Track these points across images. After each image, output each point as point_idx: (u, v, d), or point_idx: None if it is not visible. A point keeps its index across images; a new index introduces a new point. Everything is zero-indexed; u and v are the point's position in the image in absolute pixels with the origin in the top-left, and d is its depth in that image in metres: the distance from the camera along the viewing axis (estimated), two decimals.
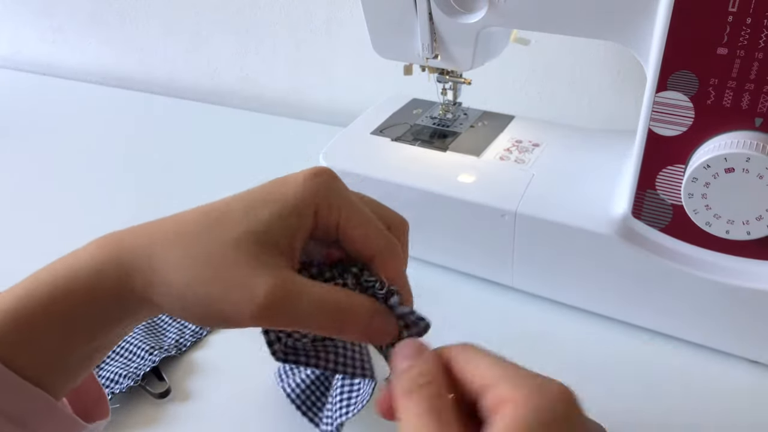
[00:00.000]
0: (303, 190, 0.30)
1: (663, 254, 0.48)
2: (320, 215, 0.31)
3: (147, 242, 0.29)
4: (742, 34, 0.39)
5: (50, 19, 1.07)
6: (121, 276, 0.29)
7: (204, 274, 0.28)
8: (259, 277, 0.28)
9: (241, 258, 0.28)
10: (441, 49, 0.56)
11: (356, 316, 0.29)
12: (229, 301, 0.27)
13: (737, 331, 0.48)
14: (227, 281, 0.28)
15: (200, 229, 0.29)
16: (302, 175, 0.31)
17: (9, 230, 0.70)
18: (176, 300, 0.28)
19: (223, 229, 0.29)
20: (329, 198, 0.31)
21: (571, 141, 0.60)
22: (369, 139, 0.63)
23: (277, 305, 0.27)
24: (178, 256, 0.28)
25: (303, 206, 0.30)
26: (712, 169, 0.42)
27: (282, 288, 0.28)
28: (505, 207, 0.52)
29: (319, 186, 0.31)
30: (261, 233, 0.29)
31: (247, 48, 0.94)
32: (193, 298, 0.28)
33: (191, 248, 0.29)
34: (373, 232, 0.32)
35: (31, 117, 0.96)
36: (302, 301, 0.28)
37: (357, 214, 0.31)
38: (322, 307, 0.28)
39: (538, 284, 0.56)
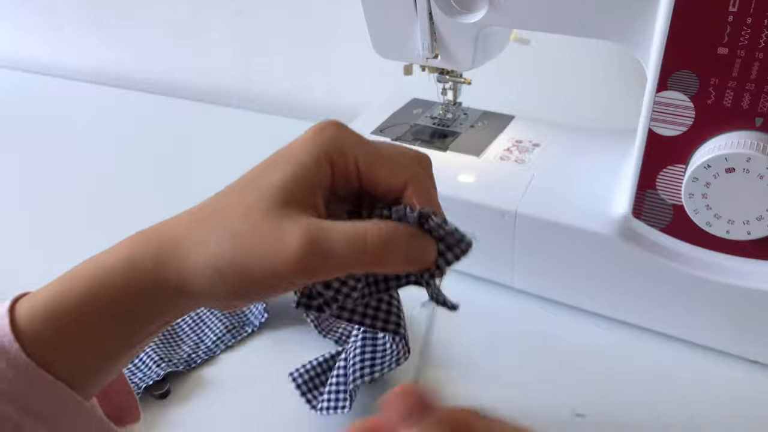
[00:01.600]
0: (311, 145, 0.30)
1: (663, 254, 0.48)
2: (336, 166, 0.30)
3: (173, 231, 0.29)
4: (742, 33, 0.39)
5: (50, 19, 1.07)
6: (154, 268, 0.29)
7: (233, 242, 0.28)
8: (287, 229, 0.27)
9: (267, 216, 0.28)
10: (441, 48, 0.56)
11: (393, 243, 0.28)
12: (264, 259, 0.27)
13: (737, 331, 0.48)
14: (257, 241, 0.27)
15: (223, 205, 0.29)
16: (309, 132, 0.31)
17: (9, 230, 0.70)
18: (212, 277, 0.28)
19: (244, 198, 0.29)
20: (341, 147, 0.30)
21: (571, 141, 0.60)
22: (369, 139, 0.63)
23: (313, 250, 0.27)
24: (205, 234, 0.28)
25: (314, 161, 0.30)
26: (713, 169, 0.42)
27: (313, 232, 0.27)
28: (505, 207, 0.52)
29: (327, 138, 0.30)
30: (279, 195, 0.28)
31: (247, 48, 0.94)
32: (228, 269, 0.27)
33: (217, 224, 0.29)
34: (397, 165, 0.31)
35: (31, 117, 0.96)
36: (335, 239, 0.27)
37: (374, 154, 0.31)
38: (357, 240, 0.28)
39: (538, 284, 0.56)
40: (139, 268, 0.29)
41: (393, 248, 0.28)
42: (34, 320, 0.28)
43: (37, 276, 0.62)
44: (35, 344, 0.28)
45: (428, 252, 0.30)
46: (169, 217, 0.31)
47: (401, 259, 0.29)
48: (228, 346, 0.52)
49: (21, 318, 0.28)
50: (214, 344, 0.52)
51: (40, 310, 0.28)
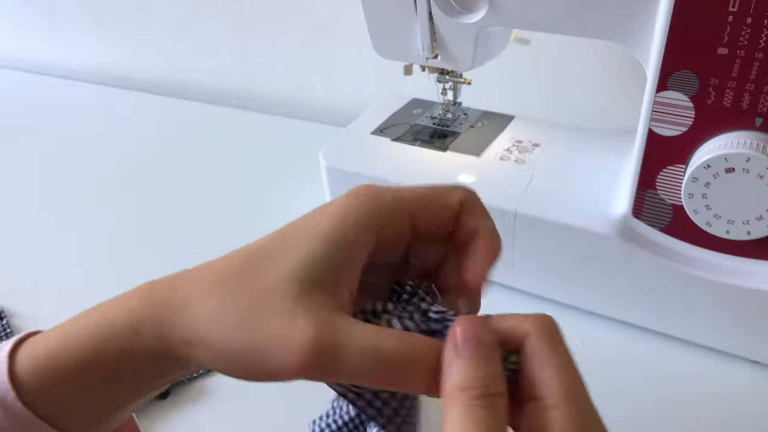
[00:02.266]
0: (348, 212, 0.26)
1: (663, 254, 0.48)
2: (384, 231, 0.27)
3: (183, 296, 0.27)
4: (742, 33, 0.39)
5: (50, 19, 1.07)
6: (158, 336, 0.26)
7: (241, 328, 0.25)
8: (297, 326, 0.24)
9: (280, 305, 0.25)
10: (441, 49, 0.56)
11: (415, 367, 0.24)
12: (269, 356, 0.24)
13: (737, 331, 0.48)
14: (265, 334, 0.25)
15: (236, 277, 0.26)
16: (343, 197, 0.27)
17: (9, 230, 0.70)
18: (215, 358, 0.26)
19: (259, 275, 0.26)
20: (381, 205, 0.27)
21: (571, 141, 0.60)
22: (369, 139, 0.63)
23: (320, 358, 0.24)
24: (214, 309, 0.26)
25: (354, 230, 0.26)
26: (713, 169, 0.42)
27: (323, 338, 0.24)
28: (505, 207, 0.52)
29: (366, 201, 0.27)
30: (305, 273, 0.25)
31: (247, 48, 0.94)
32: (231, 356, 0.25)
33: (227, 300, 0.26)
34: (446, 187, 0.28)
35: (31, 117, 0.96)
36: (348, 351, 0.24)
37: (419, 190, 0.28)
38: (373, 357, 0.24)
39: (538, 284, 0.56)
40: (145, 333, 0.27)
41: (416, 374, 0.24)
42: (35, 370, 0.27)
43: (36, 276, 0.63)
44: (34, 394, 0.27)
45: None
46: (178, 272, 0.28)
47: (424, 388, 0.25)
48: None
49: (21, 366, 0.27)
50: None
51: (41, 360, 0.27)
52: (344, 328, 0.24)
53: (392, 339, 0.24)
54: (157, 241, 0.66)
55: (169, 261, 0.68)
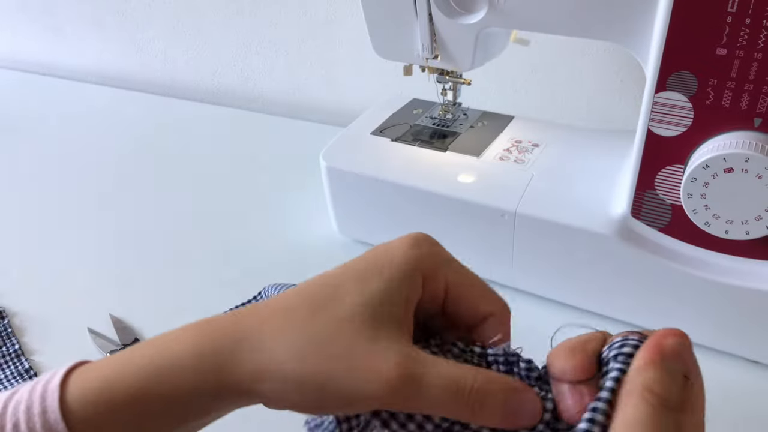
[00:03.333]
0: (410, 256, 0.28)
1: (662, 254, 0.48)
2: (427, 280, 0.29)
3: (252, 327, 0.27)
4: (741, 34, 0.39)
5: (50, 19, 1.07)
6: (224, 368, 0.26)
7: (320, 354, 0.25)
8: (383, 354, 0.25)
9: (360, 334, 0.25)
10: (441, 49, 0.56)
11: (491, 396, 0.25)
12: (353, 381, 0.25)
13: (737, 331, 0.48)
14: (349, 361, 0.25)
15: (312, 308, 0.27)
16: (405, 242, 0.29)
17: (9, 230, 0.70)
18: (291, 386, 0.26)
19: (335, 306, 0.26)
20: (435, 264, 0.29)
21: (571, 141, 0.60)
22: (369, 140, 0.63)
23: (407, 382, 0.25)
24: (292, 338, 0.26)
25: (412, 274, 0.28)
26: (711, 170, 0.42)
27: (409, 367, 0.25)
28: (504, 207, 0.52)
29: (424, 253, 0.29)
30: (377, 306, 0.26)
31: (247, 48, 0.94)
32: (311, 383, 0.25)
33: (305, 328, 0.26)
34: (487, 291, 0.30)
35: (31, 117, 0.96)
36: (431, 380, 0.25)
37: (467, 276, 0.30)
38: (453, 386, 0.25)
39: (538, 284, 0.56)
40: (206, 366, 0.26)
41: (492, 402, 0.25)
42: (86, 401, 0.27)
43: (37, 276, 0.63)
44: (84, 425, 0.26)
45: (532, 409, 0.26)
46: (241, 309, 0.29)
47: (500, 417, 0.25)
48: None
49: (72, 396, 0.27)
50: None
51: (93, 390, 0.27)
52: (425, 357, 0.25)
53: (471, 370, 0.26)
54: (157, 241, 0.66)
55: (170, 261, 0.68)
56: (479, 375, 0.26)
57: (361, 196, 0.60)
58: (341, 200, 0.62)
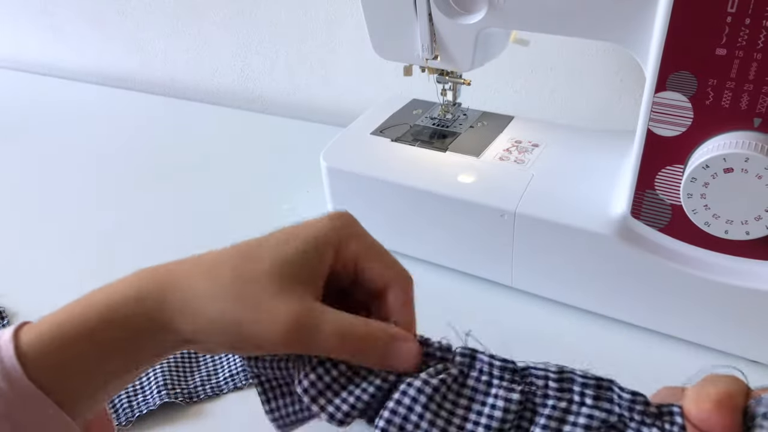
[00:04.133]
0: (324, 228, 0.33)
1: (662, 254, 0.48)
2: (340, 251, 0.33)
3: (182, 275, 0.31)
4: (740, 34, 0.39)
5: (50, 19, 1.07)
6: (156, 307, 0.31)
7: (236, 302, 0.30)
8: (285, 304, 0.30)
9: (269, 288, 0.30)
10: (441, 49, 0.56)
11: (375, 341, 0.31)
12: (259, 326, 0.30)
13: (737, 331, 0.48)
14: (257, 308, 0.30)
15: (235, 263, 0.32)
16: (325, 217, 0.34)
17: (9, 230, 0.70)
18: (209, 328, 0.30)
19: (252, 263, 0.31)
20: (348, 236, 0.34)
21: (571, 141, 0.60)
22: (369, 140, 0.63)
23: (302, 329, 0.30)
24: (211, 287, 0.31)
25: (324, 243, 0.33)
26: (711, 170, 0.42)
27: (306, 314, 0.30)
28: (504, 207, 0.52)
29: (339, 225, 0.34)
30: (286, 266, 0.31)
31: (247, 48, 0.94)
32: (224, 325, 0.30)
33: (223, 279, 0.31)
34: (389, 264, 0.34)
35: (31, 117, 0.96)
36: (324, 326, 0.30)
37: (373, 249, 0.34)
38: (342, 331, 0.30)
39: (538, 284, 0.56)
40: (145, 306, 0.31)
41: (375, 346, 0.31)
42: (41, 344, 0.29)
43: (36, 276, 0.63)
44: (38, 368, 0.29)
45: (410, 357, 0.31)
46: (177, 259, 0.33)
47: (380, 358, 0.31)
48: (237, 387, 0.49)
49: (26, 342, 0.29)
50: (225, 381, 0.50)
51: (46, 335, 0.30)
52: (321, 308, 0.31)
53: (360, 320, 0.31)
54: (157, 241, 0.66)
55: (170, 260, 0.68)
56: (365, 324, 0.31)
57: (361, 196, 0.60)
58: (341, 200, 0.62)
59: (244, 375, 0.50)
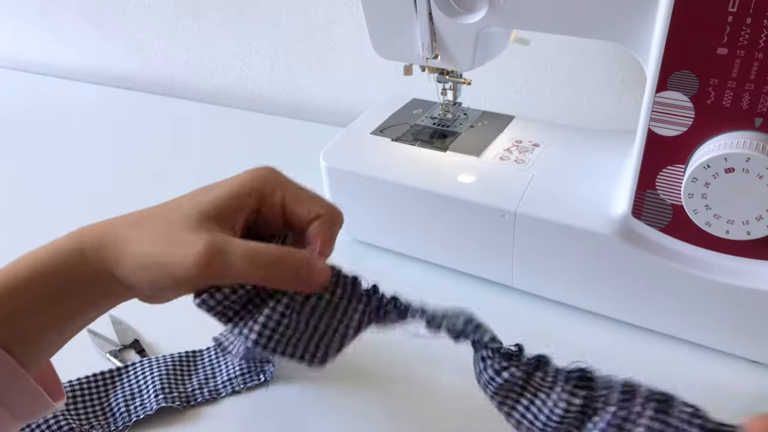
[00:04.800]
0: (245, 177, 0.37)
1: (663, 254, 0.48)
2: (265, 197, 0.37)
3: (116, 227, 0.35)
4: (742, 34, 0.39)
5: (50, 19, 1.07)
6: (95, 256, 0.34)
7: (157, 241, 0.33)
8: (198, 236, 0.33)
9: (187, 226, 0.34)
10: (441, 49, 0.56)
11: (287, 263, 0.34)
12: (174, 258, 0.33)
13: (737, 331, 0.48)
14: (173, 243, 0.33)
15: (158, 212, 0.36)
16: (248, 171, 0.38)
17: (9, 230, 0.70)
18: (135, 266, 0.33)
19: (175, 210, 0.35)
20: (272, 184, 0.37)
21: (571, 141, 0.60)
22: (369, 139, 0.63)
23: (212, 255, 0.32)
24: (139, 232, 0.34)
25: (244, 189, 0.36)
26: (712, 169, 0.42)
27: (217, 243, 0.33)
28: (505, 207, 0.52)
29: (260, 176, 0.37)
30: (204, 209, 0.35)
31: (246, 48, 0.94)
32: (147, 261, 0.33)
33: (149, 226, 0.35)
34: (316, 199, 0.38)
35: (31, 117, 0.96)
36: (236, 252, 0.33)
37: (300, 190, 0.38)
38: (255, 256, 0.33)
39: (538, 284, 0.56)
40: (82, 252, 0.34)
41: (283, 266, 0.34)
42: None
43: None
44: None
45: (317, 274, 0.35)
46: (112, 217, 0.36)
47: (293, 279, 0.34)
48: (235, 391, 0.49)
49: None
50: (223, 384, 0.49)
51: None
52: (233, 239, 0.34)
53: (272, 247, 0.34)
54: None
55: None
56: (275, 247, 0.34)
57: (361, 196, 0.60)
58: (341, 200, 0.61)
59: (242, 379, 0.49)
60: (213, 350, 0.52)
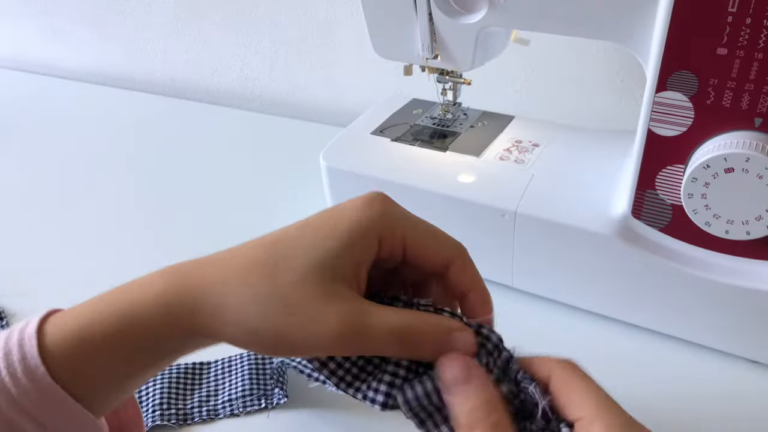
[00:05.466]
0: (363, 217, 0.30)
1: (663, 254, 0.48)
2: (384, 240, 0.31)
3: (216, 278, 0.29)
4: (741, 34, 0.39)
5: (50, 19, 1.07)
6: (188, 314, 0.29)
7: (276, 308, 0.28)
8: (331, 307, 0.28)
9: (312, 290, 0.28)
10: (441, 49, 0.56)
11: (429, 335, 0.29)
12: (304, 334, 0.28)
13: (737, 331, 0.48)
14: (301, 315, 0.28)
15: (268, 263, 0.29)
16: (360, 203, 0.31)
17: (9, 230, 0.70)
18: (248, 336, 0.29)
19: (290, 263, 0.29)
20: (390, 221, 0.31)
21: (571, 141, 0.60)
22: (369, 139, 0.63)
23: (352, 333, 0.28)
24: (249, 292, 0.28)
25: (365, 234, 0.30)
26: (712, 169, 0.42)
27: (355, 316, 0.28)
28: (505, 207, 0.52)
29: (378, 212, 0.31)
30: (328, 265, 0.29)
31: (247, 48, 0.94)
32: (265, 333, 0.28)
33: (261, 283, 0.29)
34: (444, 241, 0.32)
35: (31, 117, 0.96)
36: (375, 326, 0.28)
37: (422, 229, 0.32)
38: (395, 331, 0.28)
39: (538, 284, 0.56)
40: (174, 311, 0.29)
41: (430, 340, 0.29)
42: (64, 344, 0.28)
43: (36, 276, 0.63)
44: (61, 367, 0.28)
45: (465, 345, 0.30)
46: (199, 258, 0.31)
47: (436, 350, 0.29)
48: (233, 414, 0.47)
49: (50, 339, 0.29)
50: (222, 405, 0.48)
51: (70, 334, 0.29)
52: (370, 308, 0.29)
53: (412, 314, 0.29)
54: (157, 242, 0.66)
55: (169, 261, 0.68)
56: (418, 318, 0.29)
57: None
58: (341, 200, 0.61)
59: (242, 402, 0.47)
60: (222, 363, 0.50)
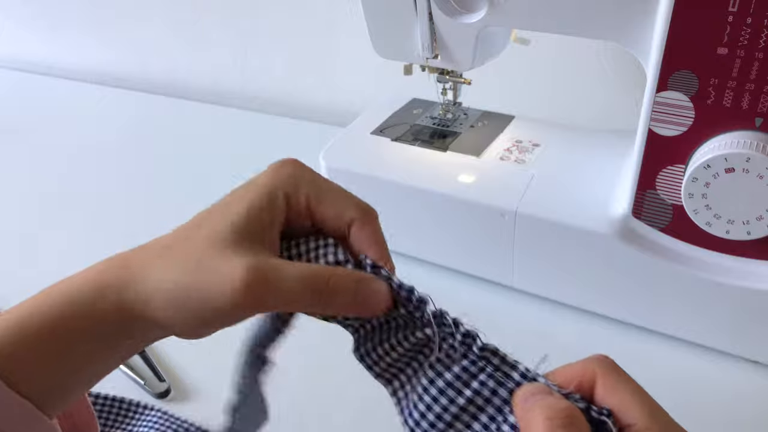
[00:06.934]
0: (270, 181, 0.32)
1: (663, 254, 0.48)
2: (291, 201, 0.32)
3: (138, 260, 0.31)
4: (742, 33, 0.39)
5: (50, 19, 1.07)
6: (119, 293, 0.30)
7: (188, 272, 0.29)
8: (239, 259, 0.29)
9: (220, 251, 0.29)
10: (441, 49, 0.56)
11: (339, 285, 0.29)
12: (212, 290, 0.28)
13: (737, 331, 0.48)
14: (208, 272, 0.29)
15: (182, 237, 0.31)
16: (270, 169, 0.33)
17: (9, 230, 0.70)
18: (168, 304, 0.29)
19: (203, 231, 0.30)
20: (296, 184, 0.32)
21: (571, 141, 0.60)
22: (369, 139, 0.63)
23: (257, 284, 0.28)
24: (166, 264, 0.30)
25: (272, 196, 0.31)
26: (713, 169, 0.42)
27: (259, 268, 0.28)
28: (505, 207, 0.52)
29: (285, 173, 0.32)
30: (236, 227, 0.30)
31: (247, 48, 0.94)
32: (182, 296, 0.29)
33: (176, 255, 0.30)
34: (346, 202, 0.33)
35: (31, 117, 0.96)
36: (281, 277, 0.29)
37: (326, 192, 0.33)
38: (303, 280, 0.29)
39: (538, 284, 0.56)
40: (106, 293, 0.30)
41: (341, 290, 0.29)
42: (5, 338, 0.29)
43: (37, 276, 0.62)
44: (5, 362, 0.28)
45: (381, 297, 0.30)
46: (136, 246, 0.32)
47: (350, 303, 0.30)
48: None
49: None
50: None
51: (11, 328, 0.29)
52: (276, 261, 0.30)
53: (320, 267, 0.30)
54: None
55: None
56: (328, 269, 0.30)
57: (360, 196, 0.59)
58: None
59: None
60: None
